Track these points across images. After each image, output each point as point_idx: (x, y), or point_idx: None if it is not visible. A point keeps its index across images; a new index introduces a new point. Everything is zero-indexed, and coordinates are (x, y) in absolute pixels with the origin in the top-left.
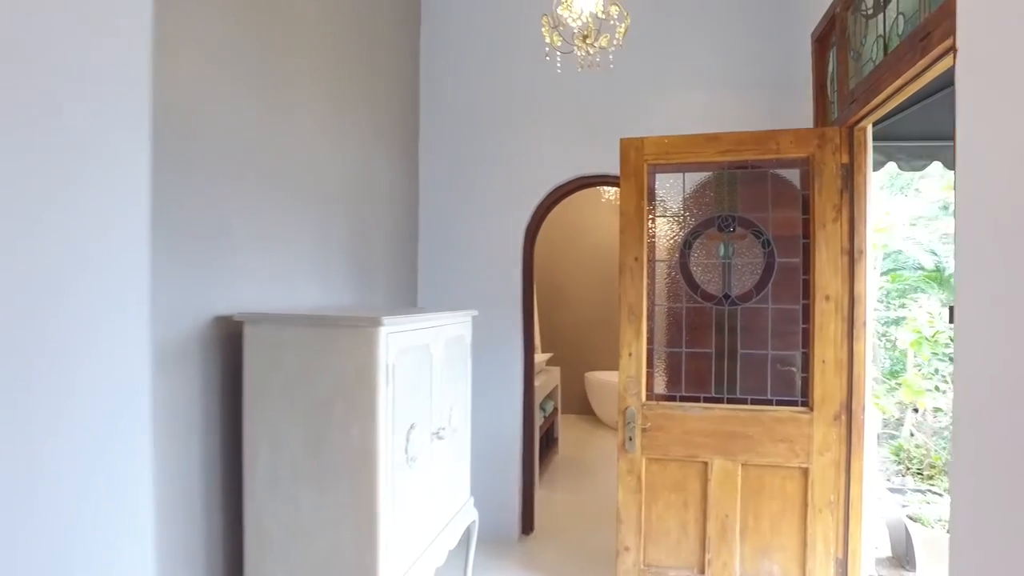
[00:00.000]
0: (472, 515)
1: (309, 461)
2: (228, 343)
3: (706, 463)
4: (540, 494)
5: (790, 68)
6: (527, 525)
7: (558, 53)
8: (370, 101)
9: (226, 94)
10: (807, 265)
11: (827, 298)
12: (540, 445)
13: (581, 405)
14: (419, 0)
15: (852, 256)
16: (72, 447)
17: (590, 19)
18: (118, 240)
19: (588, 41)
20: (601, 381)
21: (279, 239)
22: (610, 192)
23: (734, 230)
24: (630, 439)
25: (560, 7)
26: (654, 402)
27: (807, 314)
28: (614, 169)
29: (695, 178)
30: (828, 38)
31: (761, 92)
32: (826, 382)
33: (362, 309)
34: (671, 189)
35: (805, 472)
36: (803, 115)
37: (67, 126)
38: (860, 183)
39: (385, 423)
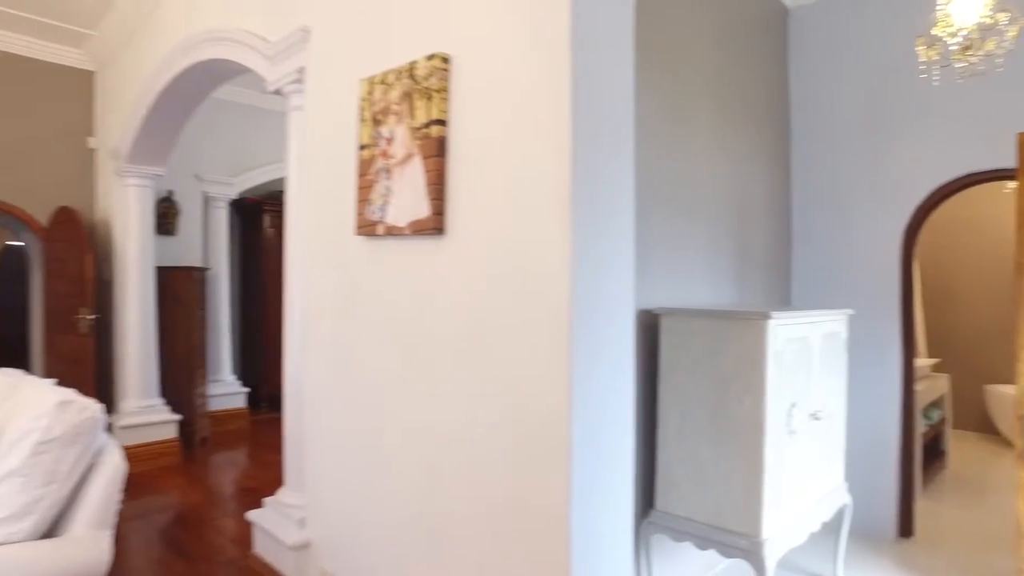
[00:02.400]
0: (845, 499)
1: (709, 424)
2: (648, 330)
3: None
4: (922, 503)
5: None
6: (905, 528)
7: (935, 68)
8: (747, 121)
9: (643, 126)
10: None
11: None
12: (923, 454)
13: (980, 421)
14: (786, 24)
15: None
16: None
17: (973, 29)
18: (627, 262)
19: (969, 52)
20: (1007, 395)
21: (677, 247)
22: (1013, 184)
23: None
24: None
25: (935, 28)
26: None
27: None
28: (1009, 162)
29: None
30: None
31: None
32: None
33: (746, 305)
34: None
35: None
36: None
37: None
38: None
39: (771, 398)
